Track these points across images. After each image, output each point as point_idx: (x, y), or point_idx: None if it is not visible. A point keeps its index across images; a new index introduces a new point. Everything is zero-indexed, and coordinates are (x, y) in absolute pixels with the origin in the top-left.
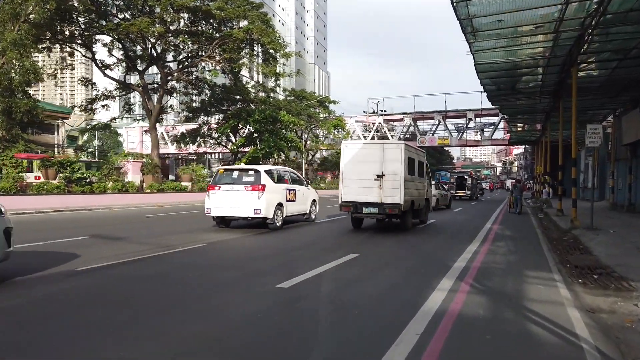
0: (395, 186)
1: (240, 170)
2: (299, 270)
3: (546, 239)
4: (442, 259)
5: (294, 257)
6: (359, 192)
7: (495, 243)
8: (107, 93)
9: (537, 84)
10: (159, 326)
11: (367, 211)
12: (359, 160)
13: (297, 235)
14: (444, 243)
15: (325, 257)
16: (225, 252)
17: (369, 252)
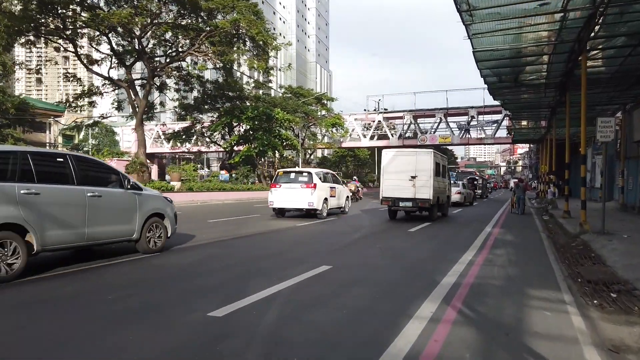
0: (425, 185)
1: (296, 172)
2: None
3: (552, 246)
4: (430, 271)
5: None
6: (396, 190)
7: (494, 251)
8: (93, 89)
9: (542, 76)
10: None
11: (403, 205)
12: (396, 165)
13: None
14: (437, 250)
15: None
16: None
17: (347, 262)
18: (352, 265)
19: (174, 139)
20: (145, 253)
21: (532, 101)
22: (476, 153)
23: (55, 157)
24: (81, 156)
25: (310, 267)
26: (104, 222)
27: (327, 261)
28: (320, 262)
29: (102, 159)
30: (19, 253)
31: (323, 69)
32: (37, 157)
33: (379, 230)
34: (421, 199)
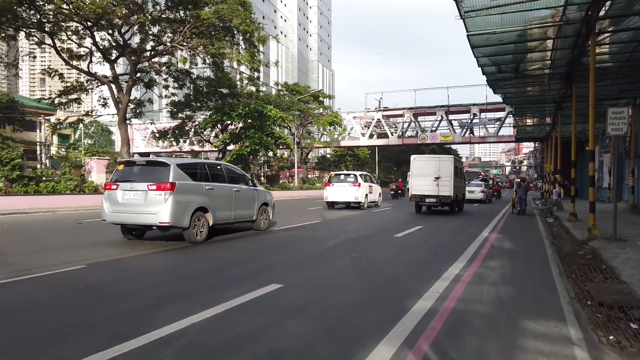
0: (447, 184)
1: (345, 174)
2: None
3: (556, 255)
4: (403, 291)
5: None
6: (423, 189)
7: (488, 262)
8: (77, 85)
9: (545, 65)
10: None
11: (429, 201)
12: (423, 168)
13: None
14: (419, 261)
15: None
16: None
17: (310, 277)
18: (311, 282)
19: (164, 137)
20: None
21: (536, 95)
22: (481, 152)
23: (216, 166)
24: (227, 164)
25: (258, 285)
26: (241, 207)
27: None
28: (270, 279)
29: (82, 158)
30: (204, 225)
31: (325, 68)
32: (209, 165)
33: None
34: (443, 196)
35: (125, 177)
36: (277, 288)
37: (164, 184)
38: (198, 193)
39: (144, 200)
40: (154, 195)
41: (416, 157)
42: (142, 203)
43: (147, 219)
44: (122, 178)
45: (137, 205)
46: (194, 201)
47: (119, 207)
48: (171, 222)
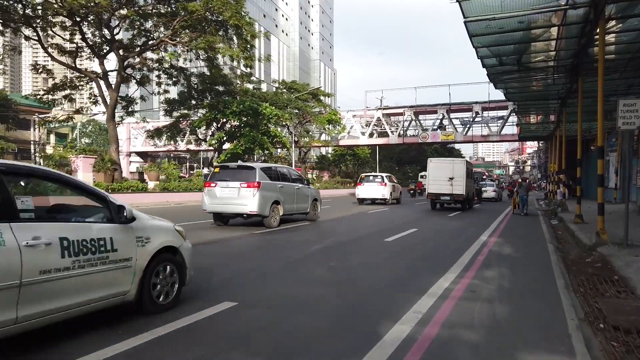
0: (460, 184)
1: (373, 175)
2: None
3: (562, 263)
4: (379, 311)
5: None
6: (438, 188)
7: (484, 272)
8: (66, 81)
9: (550, 57)
10: None
11: (443, 199)
12: (438, 169)
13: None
14: (406, 271)
15: None
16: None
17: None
18: (273, 299)
19: (158, 136)
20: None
21: (539, 90)
22: (484, 153)
23: (284, 168)
24: (290, 167)
25: (205, 304)
26: (300, 202)
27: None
28: (224, 295)
29: (67, 157)
30: (277, 215)
31: (327, 67)
32: (279, 168)
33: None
34: (457, 194)
35: (222, 177)
36: (228, 307)
37: (252, 183)
38: (274, 190)
39: (237, 195)
40: (245, 191)
41: (432, 160)
42: (236, 197)
43: (239, 209)
44: (219, 178)
45: (231, 199)
46: (272, 196)
47: (217, 200)
48: (258, 212)
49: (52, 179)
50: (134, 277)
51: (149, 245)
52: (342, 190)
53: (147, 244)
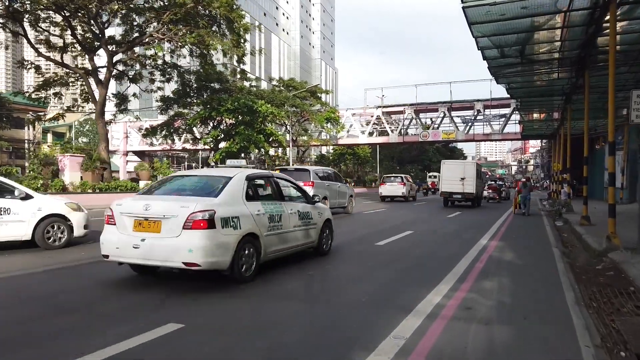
0: (470, 184)
1: (394, 176)
2: None
3: (570, 271)
4: (353, 335)
5: None
6: (451, 187)
7: (482, 283)
8: (57, 78)
9: (555, 48)
10: None
11: (455, 197)
12: (451, 170)
13: None
14: (393, 282)
15: None
16: None
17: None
18: (231, 319)
19: (152, 135)
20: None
21: (543, 86)
22: (487, 152)
23: (329, 170)
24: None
25: (147, 326)
26: (340, 197)
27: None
28: (172, 315)
29: (54, 155)
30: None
31: (328, 66)
32: (325, 170)
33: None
34: (467, 193)
35: None
36: (173, 331)
37: (307, 182)
38: (323, 187)
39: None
40: None
41: (445, 162)
42: None
43: None
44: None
45: None
46: (322, 193)
47: None
48: None
49: (283, 179)
50: (318, 233)
51: (322, 217)
52: None
53: (322, 216)
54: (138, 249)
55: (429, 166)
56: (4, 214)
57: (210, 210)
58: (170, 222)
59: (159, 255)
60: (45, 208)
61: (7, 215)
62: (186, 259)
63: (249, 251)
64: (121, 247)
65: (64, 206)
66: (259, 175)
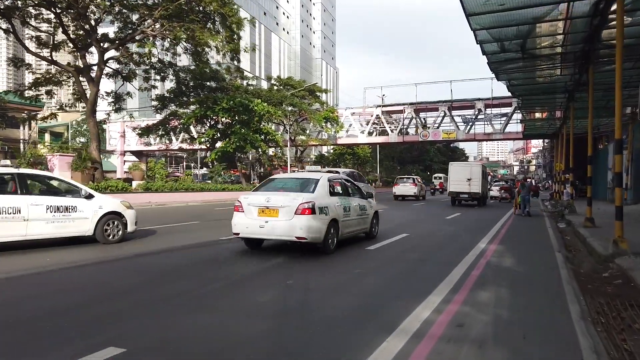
0: (476, 184)
1: (406, 177)
2: None
3: (574, 279)
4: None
5: None
6: (458, 187)
7: (477, 294)
8: (48, 76)
9: (557, 42)
10: None
11: (462, 196)
12: (458, 172)
13: None
14: (378, 292)
15: None
16: None
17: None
18: (183, 341)
19: (147, 134)
20: None
21: (545, 83)
22: (489, 152)
23: (354, 172)
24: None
25: (86, 350)
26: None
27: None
28: (118, 335)
29: (42, 155)
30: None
31: (329, 66)
32: (353, 171)
33: None
34: (474, 193)
35: None
36: (113, 356)
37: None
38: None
39: None
40: None
41: (453, 164)
42: None
43: None
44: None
45: None
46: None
47: None
48: None
49: (348, 180)
50: (370, 222)
51: (372, 209)
52: None
53: (372, 208)
54: (263, 228)
55: (430, 166)
56: (72, 211)
57: (311, 202)
58: (285, 210)
59: (279, 232)
60: (105, 206)
61: (74, 212)
62: (298, 234)
63: (333, 231)
64: (250, 227)
65: (119, 204)
66: (334, 177)
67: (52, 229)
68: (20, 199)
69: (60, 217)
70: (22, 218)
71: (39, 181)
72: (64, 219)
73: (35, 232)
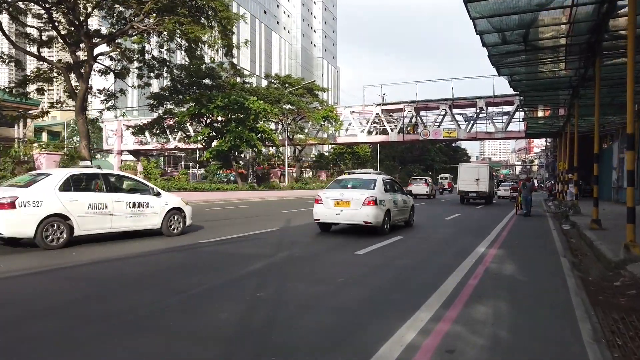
0: (484, 184)
1: (419, 178)
2: None
3: (582, 289)
4: None
5: None
6: (467, 187)
7: (473, 309)
8: (39, 73)
9: (562, 33)
10: None
11: (471, 195)
12: (467, 172)
13: None
14: (358, 308)
15: None
16: None
17: None
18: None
19: (141, 133)
20: None
21: (549, 78)
22: (490, 151)
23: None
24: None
25: None
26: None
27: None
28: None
29: (29, 153)
30: None
31: (330, 65)
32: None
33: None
34: (481, 192)
35: None
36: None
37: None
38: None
39: None
40: None
41: (462, 165)
42: None
43: None
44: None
45: None
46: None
47: None
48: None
49: (393, 180)
50: (409, 213)
51: (410, 203)
52: None
53: (410, 203)
54: (339, 215)
55: (432, 166)
56: (145, 207)
57: (374, 196)
58: (355, 202)
59: (350, 218)
60: (169, 202)
61: (147, 208)
62: (365, 219)
63: (387, 218)
64: (328, 215)
65: (180, 201)
66: (386, 177)
67: (130, 223)
68: (106, 196)
69: (137, 212)
70: (108, 213)
71: (117, 180)
72: (139, 213)
73: (118, 225)
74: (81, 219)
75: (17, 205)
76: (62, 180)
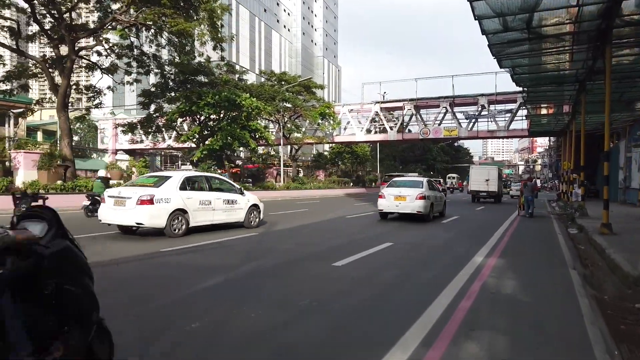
0: (494, 184)
1: (452, 177)
2: None
3: (599, 313)
4: None
5: None
6: (478, 186)
7: (462, 345)
8: (22, 68)
9: (569, 17)
10: None
11: (481, 194)
12: (478, 173)
13: None
14: (311, 347)
15: None
16: None
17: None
18: None
19: (130, 131)
20: None
21: (554, 70)
22: (493, 151)
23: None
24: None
25: None
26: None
27: None
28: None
29: (6, 152)
30: None
31: (331, 64)
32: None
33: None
34: (491, 191)
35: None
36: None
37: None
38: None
39: None
40: None
41: (473, 167)
42: None
43: None
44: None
45: None
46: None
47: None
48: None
49: (434, 180)
50: (443, 206)
51: (444, 199)
52: (337, 190)
53: (444, 198)
54: (398, 207)
55: (433, 166)
56: (234, 203)
57: (424, 193)
58: (409, 197)
59: (406, 209)
60: (250, 200)
61: (236, 204)
62: (417, 209)
63: (431, 209)
64: (390, 206)
65: (257, 198)
66: (429, 179)
67: (224, 217)
68: (210, 194)
69: (229, 208)
70: (211, 208)
71: (215, 181)
72: (231, 209)
73: (217, 219)
74: (194, 213)
75: (154, 202)
76: (181, 181)
